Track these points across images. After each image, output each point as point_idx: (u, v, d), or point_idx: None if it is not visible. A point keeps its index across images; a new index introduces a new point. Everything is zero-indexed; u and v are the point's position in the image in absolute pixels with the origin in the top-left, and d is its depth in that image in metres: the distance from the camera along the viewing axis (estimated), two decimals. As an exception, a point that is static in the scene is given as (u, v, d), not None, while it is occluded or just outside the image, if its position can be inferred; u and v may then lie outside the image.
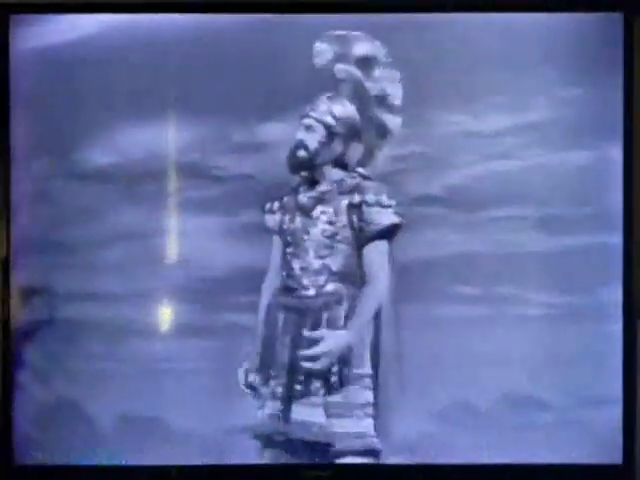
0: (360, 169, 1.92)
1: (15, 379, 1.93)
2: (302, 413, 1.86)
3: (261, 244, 1.93)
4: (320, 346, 1.86)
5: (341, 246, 1.89)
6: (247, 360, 1.92)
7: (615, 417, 1.92)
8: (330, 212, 1.90)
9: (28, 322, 1.94)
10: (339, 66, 1.91)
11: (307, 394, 1.86)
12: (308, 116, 1.89)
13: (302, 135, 1.89)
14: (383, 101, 1.91)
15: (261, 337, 1.91)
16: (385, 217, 1.88)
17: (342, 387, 1.86)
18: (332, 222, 1.89)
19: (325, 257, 1.89)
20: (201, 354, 1.92)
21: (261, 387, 1.89)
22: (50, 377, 1.94)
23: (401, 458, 1.90)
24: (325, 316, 1.88)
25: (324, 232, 1.89)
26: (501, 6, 1.93)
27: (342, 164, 1.92)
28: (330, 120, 1.89)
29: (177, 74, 1.93)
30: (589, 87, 1.92)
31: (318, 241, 1.89)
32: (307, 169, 1.90)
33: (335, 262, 1.89)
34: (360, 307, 1.88)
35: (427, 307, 1.90)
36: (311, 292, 1.89)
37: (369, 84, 1.92)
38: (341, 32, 1.90)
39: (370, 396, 1.88)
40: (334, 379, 1.86)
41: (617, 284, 1.93)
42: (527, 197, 1.93)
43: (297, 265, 1.90)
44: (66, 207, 1.94)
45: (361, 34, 1.90)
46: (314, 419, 1.86)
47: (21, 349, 1.94)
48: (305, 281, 1.89)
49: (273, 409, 1.88)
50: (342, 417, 1.86)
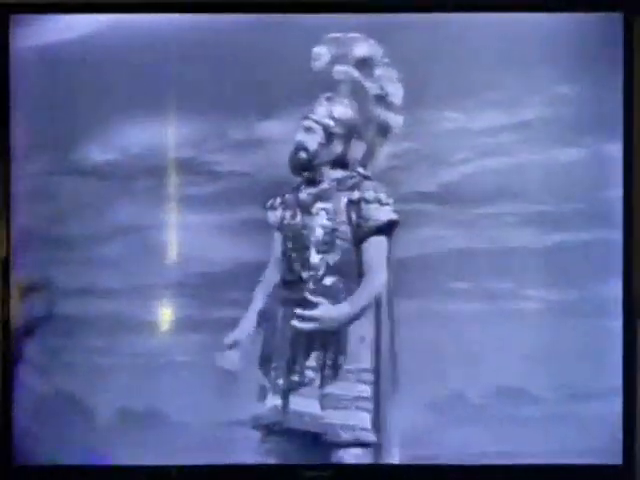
0: (360, 169, 1.93)
1: (15, 374, 1.94)
2: (300, 404, 1.87)
3: (261, 240, 1.93)
4: (315, 310, 1.88)
5: (340, 242, 1.90)
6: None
7: (611, 412, 1.92)
8: (329, 209, 1.91)
9: (27, 317, 1.95)
10: (338, 67, 1.92)
11: (303, 385, 1.87)
12: (307, 118, 1.91)
13: (302, 137, 1.91)
14: (383, 100, 1.93)
15: (261, 330, 1.93)
16: (383, 214, 1.90)
17: (336, 378, 1.87)
18: (331, 218, 1.91)
19: (324, 252, 1.90)
20: (199, 349, 1.92)
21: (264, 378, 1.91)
22: (49, 372, 1.94)
23: (396, 451, 1.90)
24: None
25: (323, 228, 1.91)
26: (501, 6, 1.93)
27: (342, 164, 1.94)
28: (329, 122, 1.91)
29: (177, 74, 1.94)
30: (589, 87, 1.92)
31: (317, 237, 1.91)
32: (308, 169, 1.92)
33: (334, 257, 1.90)
34: (359, 292, 1.90)
35: (424, 302, 1.91)
36: (310, 286, 1.90)
37: (368, 84, 1.93)
38: (339, 34, 1.91)
39: (367, 390, 1.89)
40: (328, 371, 1.87)
41: (614, 280, 1.93)
42: (525, 194, 1.93)
43: (296, 260, 1.91)
44: (65, 203, 1.95)
45: (359, 35, 1.91)
46: (311, 410, 1.87)
47: (20, 344, 1.94)
48: (304, 275, 1.91)
49: (273, 401, 1.89)
50: (339, 409, 1.87)
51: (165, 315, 1.96)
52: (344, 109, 1.92)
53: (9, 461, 1.93)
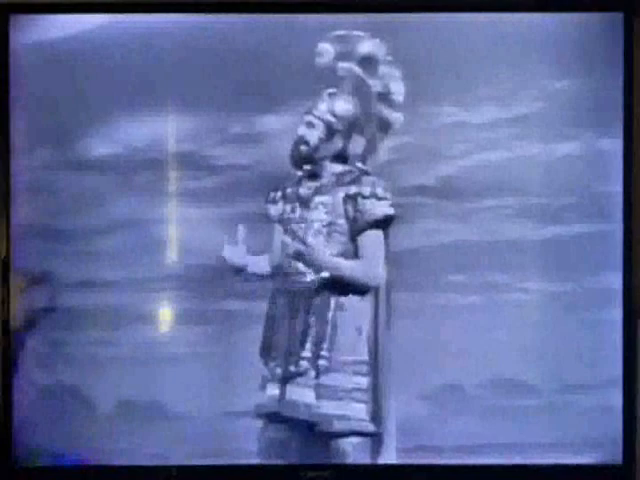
0: (359, 164, 1.95)
1: (16, 367, 1.94)
2: (296, 394, 1.89)
3: (261, 233, 1.95)
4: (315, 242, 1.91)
5: (337, 235, 1.92)
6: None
7: (608, 404, 1.92)
8: (328, 202, 1.93)
9: (28, 311, 1.95)
10: (341, 64, 1.93)
11: (299, 375, 1.89)
12: (310, 113, 1.93)
13: (303, 131, 1.93)
14: (385, 98, 1.94)
15: (262, 321, 1.94)
16: (379, 208, 1.91)
17: (332, 369, 1.89)
18: (329, 212, 1.93)
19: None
20: (200, 340, 1.93)
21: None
22: (50, 364, 1.95)
23: (394, 442, 1.91)
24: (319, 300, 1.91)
25: (321, 221, 1.92)
26: (501, 6, 1.94)
27: (342, 158, 1.95)
28: (331, 118, 1.93)
29: (178, 69, 1.95)
30: (589, 83, 1.93)
31: (315, 230, 1.92)
32: (309, 163, 1.94)
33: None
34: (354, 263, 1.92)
35: (422, 295, 1.92)
36: (308, 278, 1.92)
37: (372, 81, 1.94)
38: (344, 32, 1.93)
39: (363, 381, 1.90)
40: (322, 362, 1.89)
41: (612, 273, 1.93)
42: (524, 188, 1.94)
43: (295, 252, 1.92)
44: (65, 197, 1.95)
45: (363, 34, 1.93)
46: (306, 400, 1.88)
47: (21, 337, 1.95)
48: (302, 267, 1.92)
49: (272, 391, 1.91)
50: (334, 400, 1.88)
51: (165, 307, 1.97)
52: (346, 105, 1.94)
53: (9, 455, 1.93)
